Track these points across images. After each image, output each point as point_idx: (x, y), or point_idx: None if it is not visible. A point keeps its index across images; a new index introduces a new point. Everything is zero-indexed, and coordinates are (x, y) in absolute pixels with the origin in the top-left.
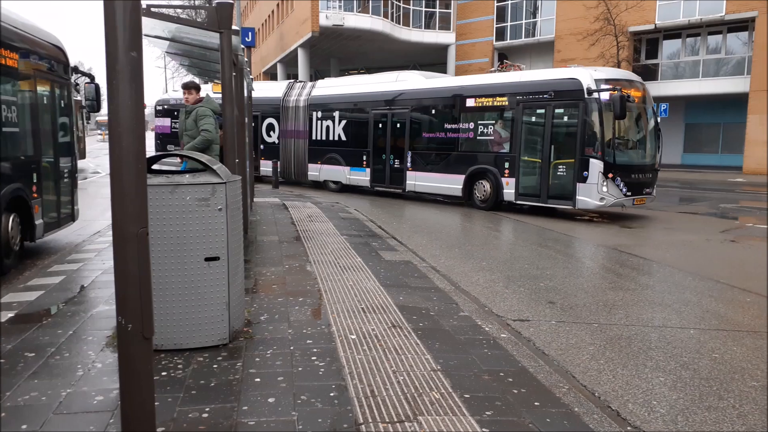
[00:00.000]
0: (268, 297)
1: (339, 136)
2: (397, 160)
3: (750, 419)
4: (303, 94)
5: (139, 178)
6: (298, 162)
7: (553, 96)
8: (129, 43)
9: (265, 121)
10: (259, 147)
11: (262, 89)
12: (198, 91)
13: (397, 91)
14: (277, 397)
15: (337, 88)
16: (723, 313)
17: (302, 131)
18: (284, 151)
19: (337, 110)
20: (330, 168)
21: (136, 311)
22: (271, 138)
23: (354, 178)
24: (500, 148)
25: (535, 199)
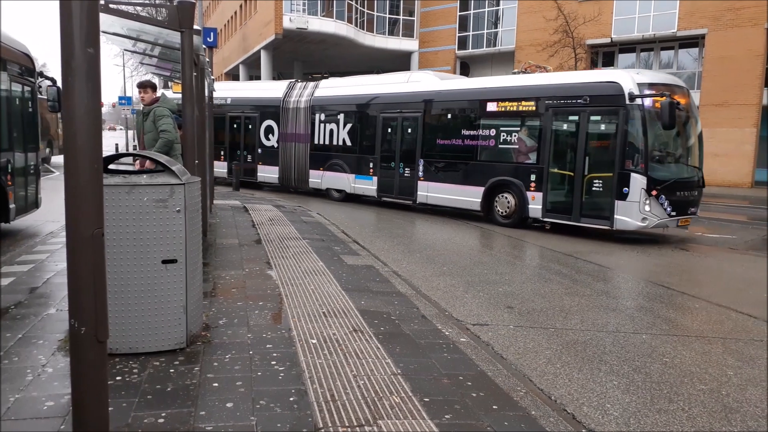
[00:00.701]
0: (228, 301)
1: (343, 141)
2: (408, 169)
3: (698, 421)
4: (305, 94)
5: (94, 178)
6: (299, 168)
7: (588, 101)
8: (86, 39)
9: (264, 123)
10: (257, 151)
11: (261, 89)
12: (154, 90)
13: (409, 92)
14: (235, 402)
15: (341, 89)
16: (673, 319)
17: (303, 135)
18: (284, 156)
19: (341, 112)
20: (333, 175)
21: (90, 314)
22: (270, 141)
23: (359, 186)
24: (525, 159)
25: (565, 217)
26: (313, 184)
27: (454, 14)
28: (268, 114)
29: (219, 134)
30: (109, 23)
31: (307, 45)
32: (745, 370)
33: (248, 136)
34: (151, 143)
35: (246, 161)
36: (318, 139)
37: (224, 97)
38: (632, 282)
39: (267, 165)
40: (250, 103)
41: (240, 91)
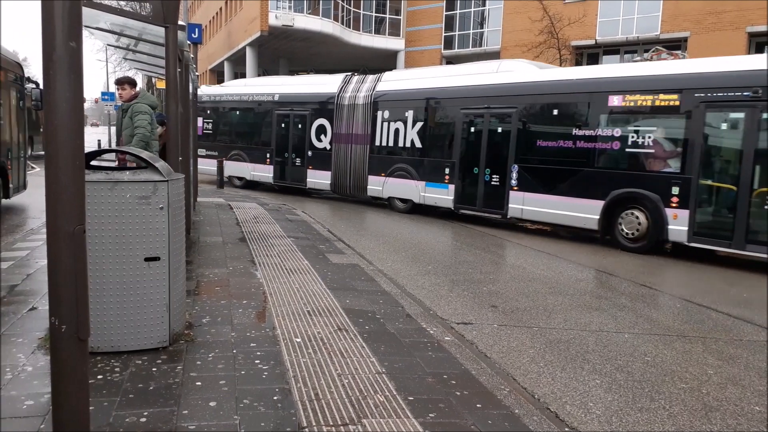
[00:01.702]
0: (211, 299)
1: (412, 143)
2: (496, 176)
3: (679, 420)
4: (363, 89)
5: (76, 174)
6: (356, 173)
7: (760, 94)
8: (68, 33)
9: (315, 123)
10: (307, 153)
11: (313, 83)
12: (133, 87)
13: (499, 85)
14: (218, 401)
15: (410, 82)
16: (655, 318)
17: (361, 135)
18: (338, 160)
19: (410, 109)
20: (398, 182)
21: (71, 312)
22: (322, 143)
23: (431, 196)
24: (664, 166)
25: (724, 243)
26: (372, 192)
27: (441, 14)
28: (320, 112)
29: (265, 135)
30: (93, 17)
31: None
32: (725, 369)
33: (297, 137)
34: (129, 140)
35: (294, 165)
36: (379, 140)
37: (271, 93)
38: (615, 282)
39: (318, 169)
40: (300, 99)
41: (289, 86)
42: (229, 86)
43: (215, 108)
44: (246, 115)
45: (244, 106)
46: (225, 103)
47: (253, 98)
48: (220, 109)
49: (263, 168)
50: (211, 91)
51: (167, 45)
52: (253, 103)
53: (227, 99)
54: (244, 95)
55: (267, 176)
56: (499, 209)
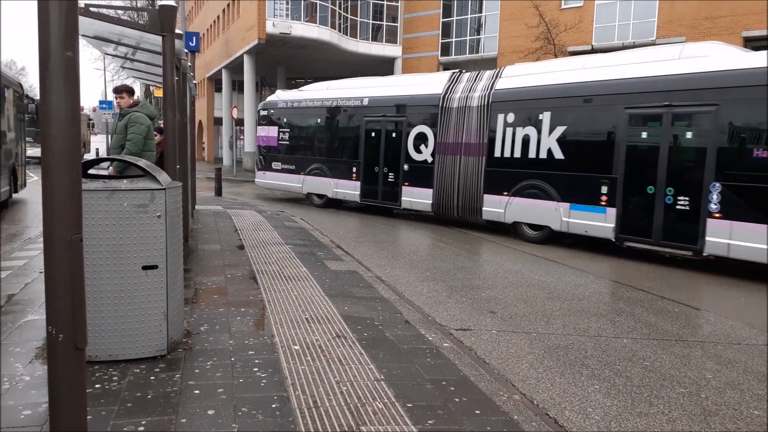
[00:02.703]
0: (209, 307)
1: (549, 153)
2: (684, 198)
3: (678, 424)
4: (478, 88)
5: (73, 183)
6: (466, 191)
7: None
8: (64, 42)
9: (414, 131)
10: (402, 168)
11: (411, 84)
12: (131, 95)
13: (688, 75)
14: (216, 410)
15: (546, 76)
16: (653, 323)
17: (475, 144)
18: (442, 175)
19: (545, 110)
20: (528, 204)
21: (68, 321)
22: (422, 155)
23: (579, 222)
24: None
25: None
26: (490, 214)
27: (437, 21)
28: (420, 117)
29: (351, 146)
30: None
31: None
32: (723, 373)
33: (390, 148)
34: (115, 145)
35: (386, 181)
36: (500, 149)
37: (359, 98)
38: (613, 286)
39: (415, 186)
40: (395, 103)
41: (381, 89)
42: (309, 90)
43: (292, 115)
44: (328, 123)
45: (326, 113)
46: (303, 109)
47: (336, 103)
48: (298, 116)
49: (348, 184)
50: (288, 97)
51: (164, 53)
52: (336, 109)
53: (306, 105)
54: (326, 100)
55: (352, 194)
56: (691, 242)
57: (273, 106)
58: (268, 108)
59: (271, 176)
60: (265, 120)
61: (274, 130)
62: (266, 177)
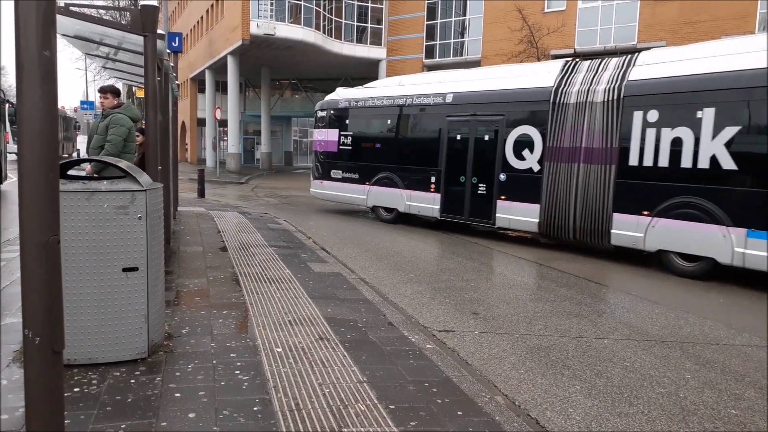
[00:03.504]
0: (191, 310)
1: (713, 162)
2: None
3: (657, 424)
4: (603, 79)
5: (49, 183)
6: (588, 208)
7: None
8: (41, 41)
9: (513, 133)
10: (497, 177)
11: (509, 76)
12: (116, 96)
13: None
14: (197, 413)
15: (704, 62)
16: (634, 324)
17: (601, 149)
18: (553, 187)
19: (708, 106)
20: (680, 227)
21: (45, 323)
22: (525, 162)
23: (757, 254)
24: None
25: None
26: (622, 239)
27: (422, 23)
28: (522, 116)
29: (429, 151)
30: (70, 26)
31: (275, 51)
32: (702, 374)
33: (482, 154)
34: (96, 146)
35: (475, 194)
36: (638, 157)
37: (440, 94)
38: (594, 288)
39: (515, 201)
40: (488, 99)
41: (469, 83)
42: (376, 87)
43: (356, 116)
44: (400, 125)
45: (398, 113)
46: (370, 109)
47: (411, 101)
48: (363, 117)
49: (424, 197)
50: (351, 95)
51: (146, 54)
52: (410, 108)
53: (373, 104)
54: (397, 98)
55: (429, 208)
56: None
57: (333, 106)
58: (327, 108)
59: (330, 186)
60: (323, 122)
61: (333, 134)
62: (324, 187)
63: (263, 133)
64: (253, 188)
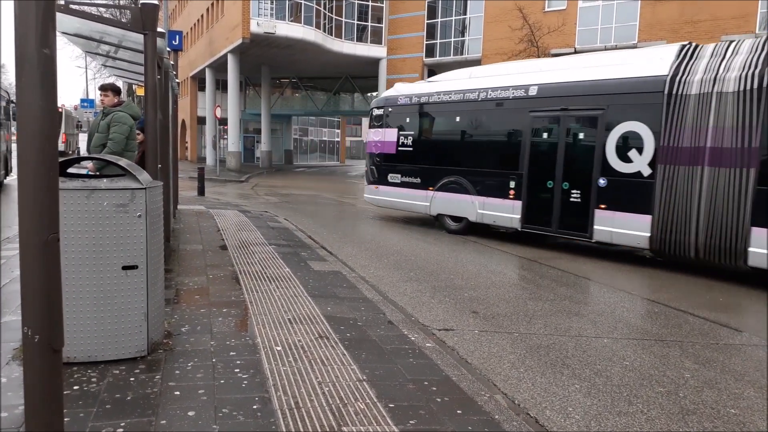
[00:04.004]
0: (190, 308)
1: None
2: None
3: (657, 423)
4: (734, 65)
5: (49, 181)
6: (718, 221)
7: None
8: (41, 39)
9: (617, 130)
10: (596, 183)
11: (607, 64)
12: (116, 94)
13: None
14: (197, 411)
15: None
16: (634, 323)
17: (734, 150)
18: (670, 194)
19: None
20: None
21: (44, 321)
22: (632, 164)
23: None
24: None
25: None
26: (762, 259)
27: (422, 22)
28: (627, 110)
29: (506, 151)
30: (70, 24)
31: (275, 50)
32: (701, 373)
33: (575, 154)
34: (97, 144)
35: (566, 201)
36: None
37: (521, 87)
38: (594, 287)
39: (619, 210)
40: (583, 91)
41: (556, 73)
42: (442, 81)
43: (419, 114)
44: (472, 122)
45: (469, 109)
46: (435, 105)
47: (485, 95)
48: (426, 115)
49: (501, 204)
50: (413, 90)
51: (146, 52)
52: (485, 104)
53: (439, 100)
54: (468, 92)
55: (507, 217)
56: None
57: (391, 102)
58: (384, 106)
59: (387, 192)
60: (379, 121)
61: (392, 134)
62: (380, 193)
63: (263, 132)
64: (253, 186)
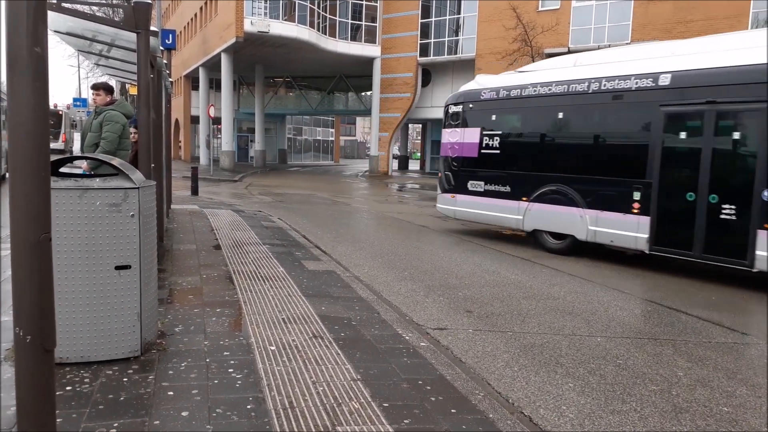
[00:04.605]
0: (184, 308)
1: None
2: None
3: (650, 421)
4: None
5: (41, 181)
6: None
7: None
8: (32, 38)
9: None
10: (759, 196)
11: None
12: (109, 93)
13: None
14: (191, 411)
15: None
16: (627, 322)
17: None
18: None
19: None
20: None
21: (36, 321)
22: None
23: None
24: None
25: None
26: None
27: (416, 22)
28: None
29: (627, 155)
30: (62, 22)
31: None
32: (694, 371)
33: (725, 161)
34: (90, 143)
35: (715, 219)
36: None
37: (650, 75)
38: (588, 286)
39: None
40: (738, 79)
41: (697, 57)
42: (537, 71)
43: (509, 110)
44: (580, 120)
45: (577, 103)
46: (531, 100)
47: (598, 87)
48: (518, 111)
49: (621, 220)
50: (499, 83)
51: (139, 50)
52: (597, 97)
53: (536, 93)
54: (574, 83)
55: (631, 236)
56: None
57: (473, 97)
58: (463, 102)
59: (467, 202)
60: (456, 119)
61: (473, 134)
62: (457, 203)
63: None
64: (246, 186)
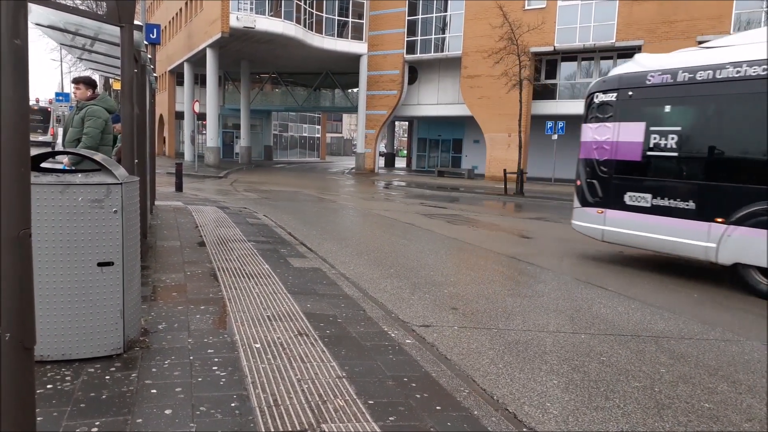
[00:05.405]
0: (168, 305)
1: None
2: None
3: (633, 418)
4: None
5: (19, 175)
6: None
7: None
8: (12, 30)
9: None
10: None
11: None
12: (91, 88)
13: None
14: (174, 409)
15: None
16: (610, 319)
17: None
18: None
19: None
20: None
21: (15, 319)
22: None
23: None
24: None
25: None
26: None
27: (403, 19)
28: None
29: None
30: (45, 15)
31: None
32: (676, 368)
33: None
34: (71, 138)
35: None
36: None
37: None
38: (572, 284)
39: None
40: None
41: None
42: (731, 46)
43: (690, 99)
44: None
45: None
46: (725, 85)
47: None
48: (706, 100)
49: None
50: (672, 63)
51: (122, 45)
52: None
53: (739, 76)
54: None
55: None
56: None
57: (635, 83)
58: (618, 88)
59: (623, 220)
60: (605, 112)
61: (633, 130)
62: (609, 221)
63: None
64: (232, 183)
